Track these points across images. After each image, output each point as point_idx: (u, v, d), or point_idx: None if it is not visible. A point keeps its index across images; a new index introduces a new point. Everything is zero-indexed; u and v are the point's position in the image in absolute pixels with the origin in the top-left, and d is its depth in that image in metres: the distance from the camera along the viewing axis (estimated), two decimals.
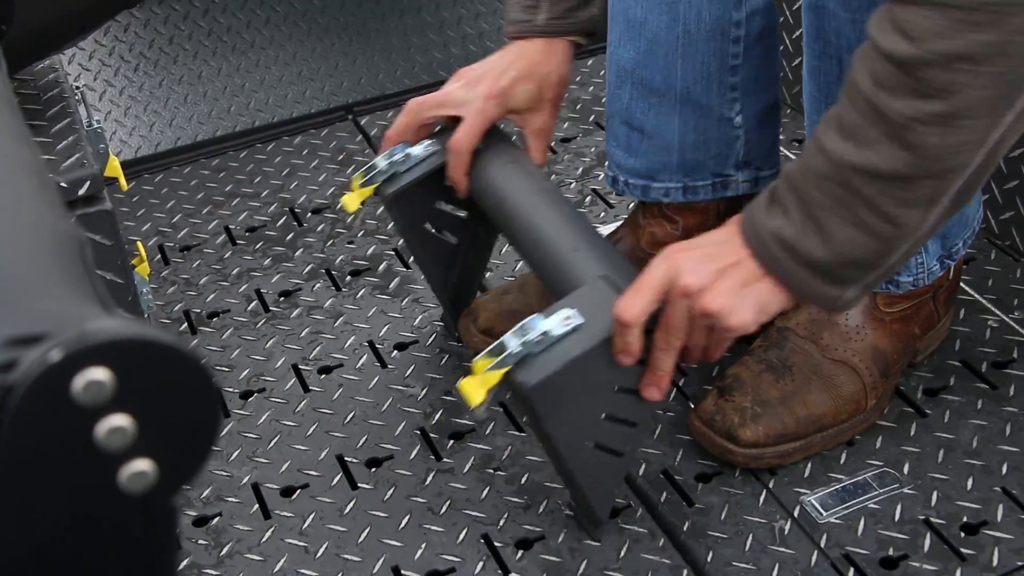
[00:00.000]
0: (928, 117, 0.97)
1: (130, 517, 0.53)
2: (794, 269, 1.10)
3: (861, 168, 1.02)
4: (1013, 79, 0.95)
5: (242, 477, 1.46)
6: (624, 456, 1.28)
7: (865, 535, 1.33)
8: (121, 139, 2.21)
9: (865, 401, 1.43)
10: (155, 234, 1.94)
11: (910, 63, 0.96)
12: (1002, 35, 0.92)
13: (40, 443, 0.49)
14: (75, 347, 0.48)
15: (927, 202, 1.02)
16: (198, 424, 0.52)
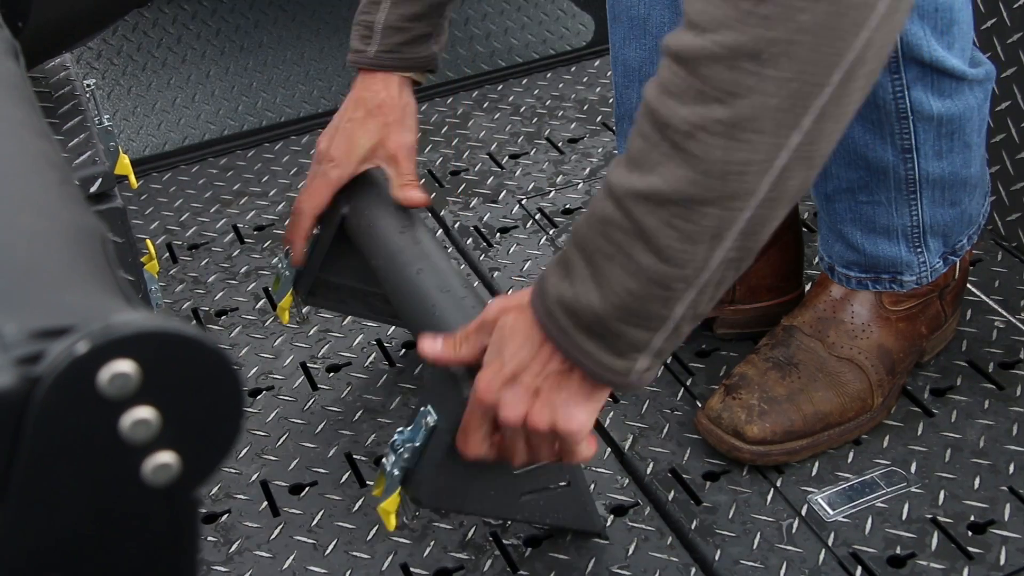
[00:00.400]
0: (713, 124, 0.89)
1: (153, 509, 0.53)
2: (579, 339, 1.01)
3: (643, 194, 0.93)
4: (799, 90, 0.88)
5: (251, 474, 1.47)
6: (571, 484, 1.28)
7: (872, 534, 1.33)
8: (129, 138, 2.21)
9: (872, 399, 1.44)
10: (163, 232, 1.95)
11: (696, 58, 0.89)
12: (789, 32, 0.86)
13: (65, 435, 0.50)
14: (101, 339, 0.48)
15: (711, 236, 0.93)
16: (222, 417, 0.53)
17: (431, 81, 2.30)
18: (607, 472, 1.43)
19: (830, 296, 1.47)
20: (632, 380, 1.03)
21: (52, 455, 0.50)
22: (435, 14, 1.42)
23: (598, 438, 1.48)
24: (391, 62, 1.43)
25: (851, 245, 1.44)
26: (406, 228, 1.39)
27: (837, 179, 1.41)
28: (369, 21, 1.42)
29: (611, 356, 1.01)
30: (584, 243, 0.99)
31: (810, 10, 0.85)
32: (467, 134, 2.14)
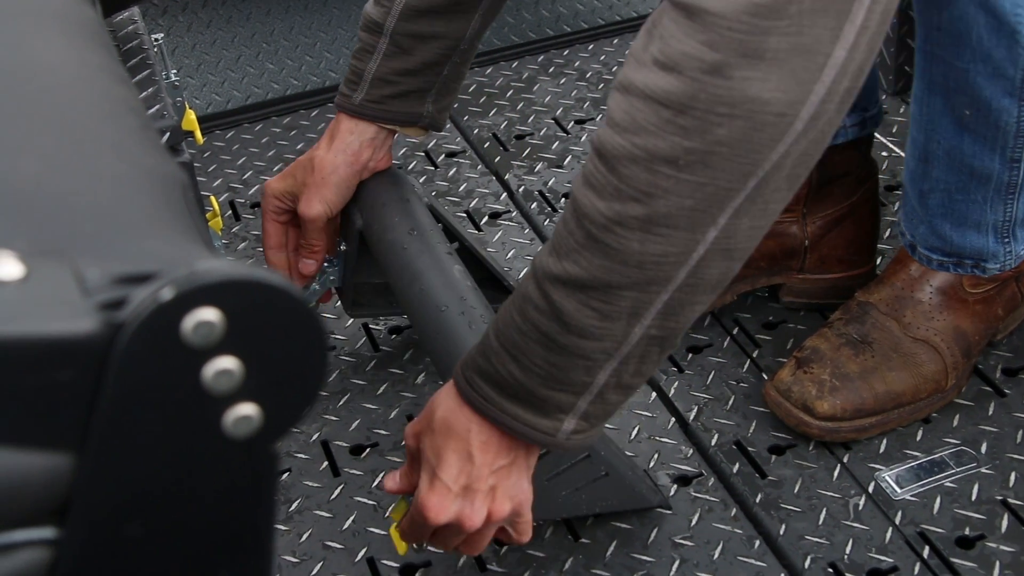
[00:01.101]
0: (629, 220, 0.90)
1: (232, 462, 0.52)
2: (505, 404, 1.03)
3: (561, 279, 0.95)
4: (715, 193, 0.88)
5: (312, 434, 1.46)
6: (609, 474, 1.26)
7: (941, 513, 1.31)
8: (193, 95, 2.21)
9: (945, 380, 1.41)
10: (226, 190, 1.94)
11: (616, 157, 0.89)
12: (706, 144, 0.86)
13: (147, 383, 0.48)
14: (186, 286, 0.47)
15: (629, 315, 0.95)
16: (305, 369, 0.51)
17: (495, 45, 2.28)
18: (671, 442, 1.41)
19: (908, 274, 1.43)
20: (560, 439, 1.04)
21: (133, 403, 0.49)
22: (430, 72, 1.38)
23: (662, 407, 1.46)
24: (375, 112, 1.40)
25: (938, 234, 1.41)
26: (409, 243, 1.36)
27: (936, 180, 1.38)
28: (359, 68, 1.39)
29: (537, 417, 1.03)
30: (503, 318, 1.02)
31: (727, 125, 0.85)
32: (532, 98, 2.12)
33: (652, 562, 1.27)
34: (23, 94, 0.60)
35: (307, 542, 1.32)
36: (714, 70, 0.84)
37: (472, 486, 1.08)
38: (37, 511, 0.50)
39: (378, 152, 1.43)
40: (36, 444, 0.48)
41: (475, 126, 2.05)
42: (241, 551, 0.55)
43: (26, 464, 0.48)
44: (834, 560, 1.26)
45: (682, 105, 0.85)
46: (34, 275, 0.48)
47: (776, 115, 0.85)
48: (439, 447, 1.08)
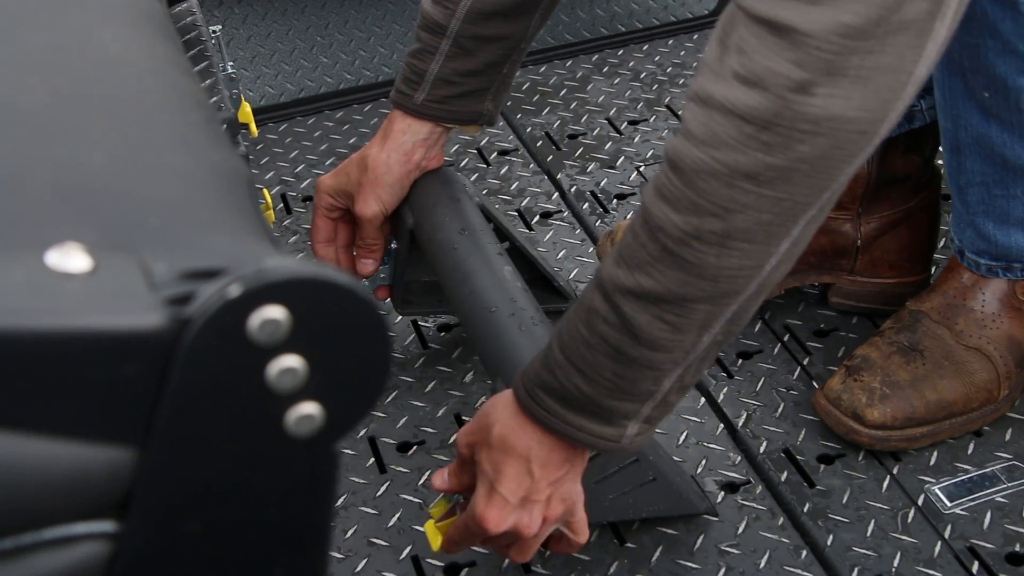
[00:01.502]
0: (707, 235, 0.90)
1: (293, 461, 0.52)
2: (569, 417, 1.03)
3: (634, 292, 0.95)
4: (792, 207, 0.89)
5: (359, 430, 1.46)
6: (659, 479, 1.25)
7: (991, 528, 1.29)
8: (246, 87, 2.21)
9: (998, 391, 1.39)
10: (278, 183, 1.95)
11: (693, 170, 0.89)
12: (788, 161, 0.86)
13: (211, 379, 0.48)
14: (254, 284, 0.47)
15: (700, 327, 0.95)
16: (369, 370, 0.51)
17: (549, 43, 2.28)
18: (719, 448, 1.40)
19: (961, 282, 1.42)
20: (624, 444, 1.05)
21: (197, 399, 0.49)
22: (492, 71, 1.39)
23: (711, 413, 1.45)
24: (437, 112, 1.40)
25: (982, 235, 1.39)
26: (459, 245, 1.36)
27: (971, 172, 1.37)
28: (420, 68, 1.38)
29: (602, 426, 1.03)
30: (567, 330, 1.02)
31: (809, 142, 0.86)
32: (586, 98, 2.11)
33: (697, 569, 1.26)
34: (91, 86, 0.60)
35: (352, 538, 1.32)
36: (800, 88, 0.84)
37: (530, 498, 1.09)
38: (98, 504, 0.50)
39: (431, 151, 1.43)
40: (100, 437, 0.48)
41: (528, 124, 2.05)
42: (298, 550, 0.55)
43: (89, 457, 0.48)
44: (881, 572, 1.25)
45: (766, 121, 0.86)
46: (102, 268, 0.48)
47: (858, 133, 0.86)
48: (497, 462, 1.08)
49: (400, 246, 1.47)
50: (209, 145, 0.60)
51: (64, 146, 0.55)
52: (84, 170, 0.54)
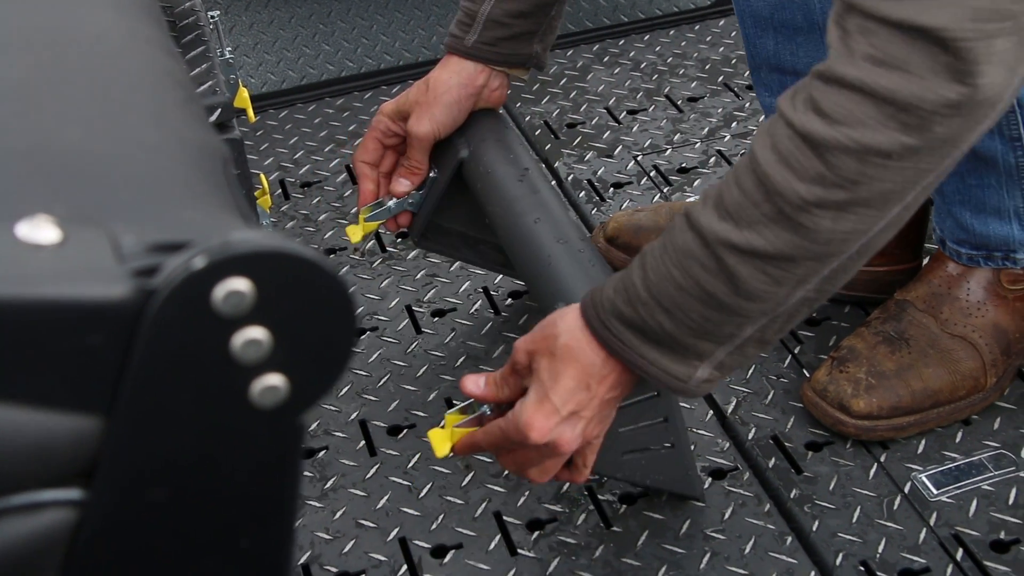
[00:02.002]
0: (829, 203, 0.92)
1: (258, 432, 0.52)
2: (643, 350, 1.04)
3: (739, 247, 0.96)
4: (915, 175, 0.91)
5: (350, 413, 1.47)
6: (675, 446, 1.26)
7: (977, 516, 1.30)
8: (248, 73, 2.23)
9: (984, 379, 1.40)
10: (277, 169, 1.96)
11: (826, 146, 0.91)
12: (924, 140, 0.89)
13: (176, 350, 0.49)
14: (219, 256, 0.48)
15: (796, 282, 0.97)
16: (333, 342, 0.52)
17: None
18: (707, 435, 1.41)
19: (946, 271, 1.42)
20: (691, 386, 1.05)
21: (162, 369, 0.49)
22: (541, 13, 1.40)
23: (701, 399, 1.46)
24: (487, 55, 1.41)
25: (961, 224, 1.40)
26: (524, 176, 1.37)
27: None
28: (473, 10, 1.40)
29: (675, 363, 1.04)
30: (655, 270, 1.01)
31: (947, 124, 0.89)
32: (585, 87, 2.12)
33: (683, 554, 1.27)
34: (68, 62, 0.61)
35: (340, 520, 1.33)
36: (944, 72, 0.87)
37: (579, 412, 1.08)
38: (64, 472, 0.51)
39: (493, 82, 1.44)
40: (65, 406, 0.49)
41: (527, 113, 2.05)
42: (264, 521, 0.56)
43: (55, 425, 0.49)
44: (866, 559, 1.25)
45: (907, 104, 0.88)
46: (70, 240, 0.49)
47: (989, 107, 0.89)
48: (558, 371, 1.08)
49: (441, 177, 1.46)
50: (185, 123, 0.61)
51: (39, 121, 0.56)
52: (58, 145, 0.55)
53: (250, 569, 0.58)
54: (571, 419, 1.08)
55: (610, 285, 1.05)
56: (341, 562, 1.29)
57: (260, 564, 0.58)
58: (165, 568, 0.55)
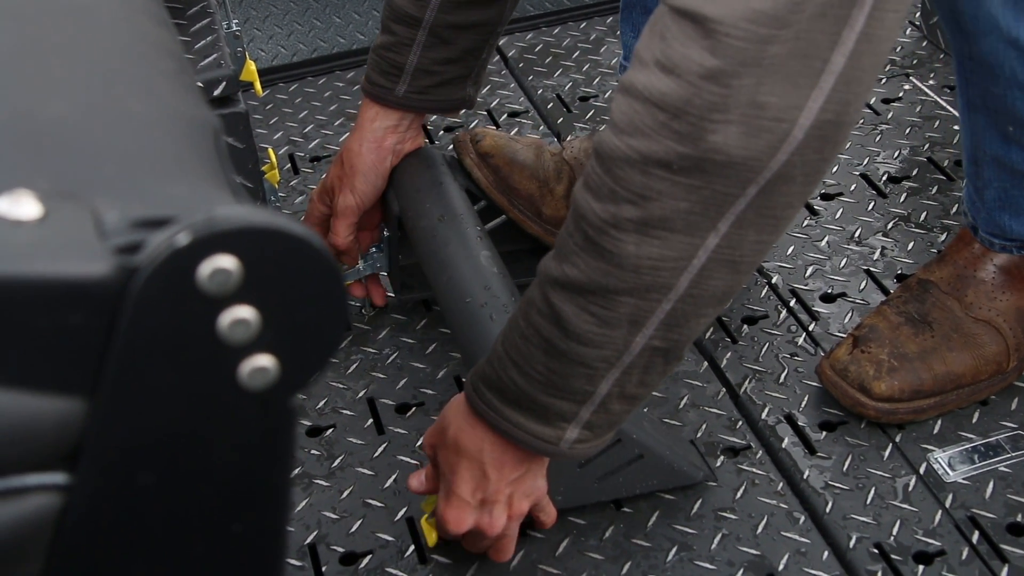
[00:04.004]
0: (624, 223, 0.88)
1: (248, 414, 0.51)
2: (507, 412, 1.03)
3: (560, 282, 0.94)
4: (711, 197, 0.86)
5: (359, 391, 1.46)
6: (647, 455, 1.24)
7: (993, 498, 1.28)
8: (259, 47, 2.20)
9: (1007, 362, 1.38)
10: (286, 143, 1.94)
11: (612, 158, 0.87)
12: (700, 151, 0.84)
13: (161, 330, 0.47)
14: (203, 232, 0.46)
15: (629, 323, 0.93)
16: (323, 322, 0.50)
17: (564, 4, 2.26)
18: (721, 412, 1.39)
19: (971, 252, 1.40)
20: (563, 448, 1.03)
21: (146, 350, 0.48)
22: (470, 57, 1.38)
23: (713, 377, 1.44)
24: (419, 103, 1.40)
25: (998, 224, 1.37)
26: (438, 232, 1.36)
27: (989, 179, 1.35)
28: (398, 61, 1.37)
29: (540, 425, 1.02)
30: (510, 323, 1.01)
31: (722, 132, 0.83)
32: (599, 60, 2.09)
33: (694, 534, 1.25)
34: (57, 34, 0.59)
35: (348, 499, 1.31)
36: (711, 76, 0.82)
37: (489, 499, 1.09)
38: (48, 456, 0.49)
39: (405, 135, 1.43)
40: (48, 387, 0.47)
41: (539, 86, 2.03)
42: (255, 505, 0.54)
43: (37, 407, 0.47)
44: (880, 541, 1.23)
45: (677, 109, 0.84)
46: (52, 216, 0.47)
47: (772, 120, 0.83)
48: (453, 464, 1.09)
49: (391, 233, 1.47)
50: (176, 95, 0.59)
51: (24, 94, 0.54)
52: (42, 118, 0.53)
53: (242, 554, 0.56)
54: (485, 506, 1.09)
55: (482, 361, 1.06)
56: (348, 542, 1.27)
57: (253, 549, 0.56)
58: (154, 552, 0.54)
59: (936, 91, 1.95)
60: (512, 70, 2.09)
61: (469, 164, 1.50)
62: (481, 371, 1.05)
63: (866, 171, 1.78)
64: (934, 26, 2.06)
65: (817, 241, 1.64)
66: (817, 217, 1.69)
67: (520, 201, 1.50)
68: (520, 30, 2.20)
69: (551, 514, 1.19)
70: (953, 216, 1.67)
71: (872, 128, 1.87)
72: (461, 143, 1.54)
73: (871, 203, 1.71)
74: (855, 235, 1.65)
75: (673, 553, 1.23)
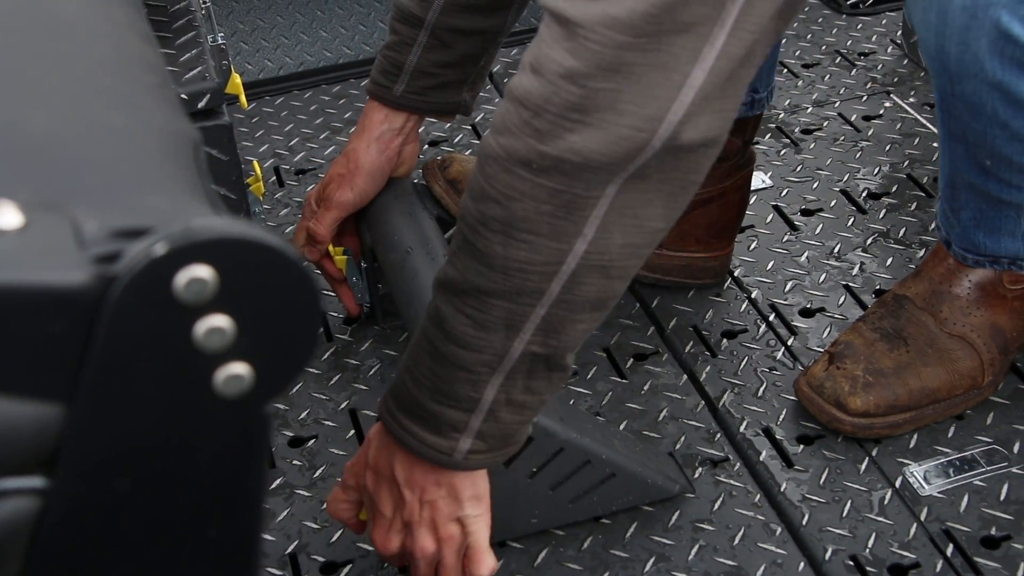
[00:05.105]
0: (491, 222, 0.90)
1: (223, 421, 0.52)
2: (403, 421, 1.04)
3: (442, 282, 0.96)
4: (573, 200, 0.88)
5: (340, 402, 1.47)
6: (618, 474, 1.26)
7: (968, 512, 1.29)
8: (245, 60, 2.22)
9: (982, 377, 1.39)
10: (272, 156, 1.95)
11: (484, 157, 0.90)
12: (559, 150, 0.85)
13: (138, 338, 0.48)
14: (180, 242, 0.47)
15: (505, 327, 0.94)
16: (298, 331, 0.51)
17: None
18: (699, 425, 1.40)
19: (946, 267, 1.41)
20: (458, 460, 1.04)
21: (124, 357, 0.49)
22: (469, 63, 1.40)
23: (693, 390, 1.45)
24: (415, 104, 1.42)
25: (972, 241, 1.38)
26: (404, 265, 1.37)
27: (966, 201, 1.35)
28: (398, 60, 1.40)
29: (432, 435, 1.03)
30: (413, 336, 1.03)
31: (579, 132, 0.85)
32: None
33: (671, 545, 1.26)
34: (37, 45, 0.60)
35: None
36: (570, 76, 0.84)
37: (413, 521, 1.08)
38: (26, 460, 0.50)
39: (408, 139, 1.45)
40: (26, 393, 0.48)
41: None
42: (231, 512, 0.55)
43: (16, 413, 0.48)
44: (856, 553, 1.25)
45: (538, 107, 0.86)
46: (33, 225, 0.48)
47: (631, 128, 0.85)
48: (374, 485, 1.10)
49: (368, 264, 1.50)
50: (156, 108, 0.60)
51: (6, 106, 0.56)
52: (24, 130, 0.54)
53: (219, 558, 0.57)
54: (407, 528, 1.09)
55: None
56: (329, 552, 1.28)
57: (229, 553, 0.57)
58: (131, 557, 0.55)
59: (916, 109, 1.97)
60: (497, 85, 2.10)
61: (438, 192, 1.52)
62: (391, 384, 1.07)
63: (846, 187, 1.80)
64: (914, 44, 2.08)
65: (797, 256, 1.66)
66: (797, 233, 1.71)
67: None
68: (506, 45, 2.21)
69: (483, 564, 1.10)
70: (931, 232, 1.69)
71: (853, 145, 1.89)
72: (429, 170, 1.57)
73: (851, 219, 1.73)
74: (834, 251, 1.67)
75: (651, 564, 1.24)
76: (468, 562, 1.11)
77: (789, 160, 1.86)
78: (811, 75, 2.09)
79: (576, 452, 1.21)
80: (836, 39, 2.19)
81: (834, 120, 1.96)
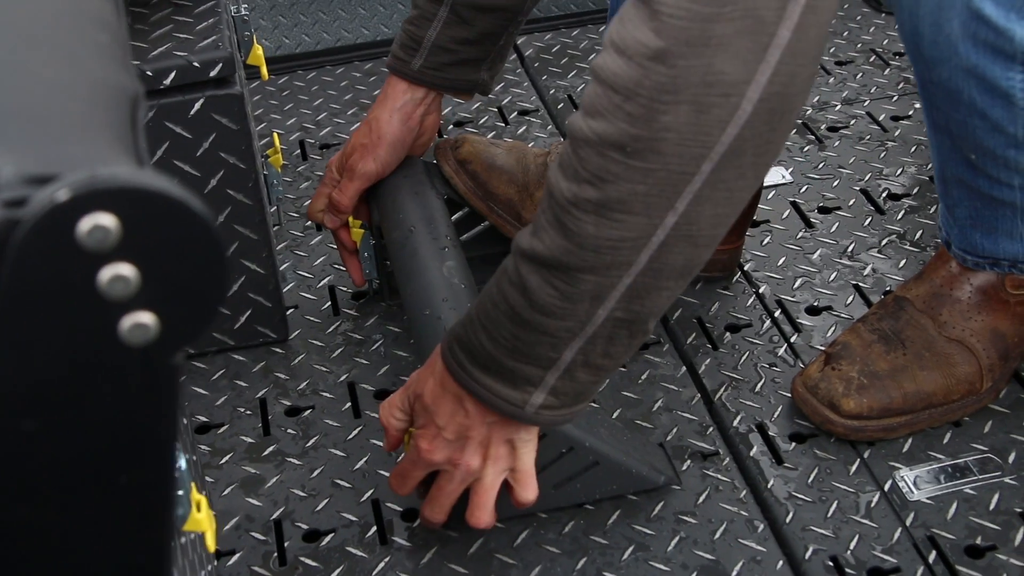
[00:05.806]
0: (584, 203, 0.90)
1: (129, 369, 0.53)
2: (475, 373, 1.05)
3: (528, 254, 0.96)
4: (667, 178, 0.88)
5: (340, 375, 1.48)
6: (602, 462, 1.26)
7: (955, 519, 1.28)
8: (283, 34, 2.23)
9: (980, 383, 1.38)
10: (298, 129, 1.96)
11: (576, 139, 0.90)
12: (652, 132, 0.86)
13: (42, 282, 0.49)
14: (82, 189, 0.48)
15: (591, 298, 0.95)
16: (204, 284, 0.52)
17: (589, 7, 2.27)
18: (693, 417, 1.40)
19: (948, 270, 1.40)
20: (528, 413, 1.05)
21: (28, 301, 0.50)
22: (488, 41, 1.41)
23: (690, 382, 1.45)
24: (433, 79, 1.42)
25: (970, 241, 1.37)
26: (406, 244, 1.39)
27: (958, 198, 1.34)
28: (418, 35, 1.40)
29: (506, 388, 1.04)
30: (485, 289, 1.04)
31: (672, 112, 0.85)
32: None
33: (652, 535, 1.26)
34: None
35: (317, 478, 1.34)
36: (657, 57, 0.84)
37: (466, 434, 1.10)
38: None
39: (429, 112, 1.45)
40: None
41: (552, 86, 2.05)
42: (140, 458, 0.56)
43: None
44: (836, 554, 1.24)
45: (628, 91, 0.86)
46: None
47: (721, 96, 0.85)
48: (436, 397, 1.10)
49: (377, 243, 1.51)
50: (96, 62, 0.61)
51: None
52: None
53: (131, 504, 0.58)
54: (459, 440, 1.10)
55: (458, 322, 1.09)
56: (313, 519, 1.29)
57: (140, 499, 0.58)
58: (41, 498, 0.56)
59: None
60: (527, 69, 2.11)
61: (448, 172, 1.53)
62: (455, 332, 1.07)
63: (867, 187, 1.78)
64: None
65: (809, 254, 1.65)
66: (812, 230, 1.70)
67: (500, 206, 1.52)
68: (540, 30, 2.22)
69: (528, 487, 1.16)
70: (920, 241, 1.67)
71: (878, 144, 1.87)
72: (440, 150, 1.57)
73: (868, 219, 1.72)
74: (848, 250, 1.66)
75: (629, 552, 1.24)
76: (515, 485, 1.15)
77: (812, 157, 1.85)
78: (843, 73, 2.07)
79: (559, 439, 1.22)
80: (872, 37, 2.17)
81: (862, 119, 1.94)
